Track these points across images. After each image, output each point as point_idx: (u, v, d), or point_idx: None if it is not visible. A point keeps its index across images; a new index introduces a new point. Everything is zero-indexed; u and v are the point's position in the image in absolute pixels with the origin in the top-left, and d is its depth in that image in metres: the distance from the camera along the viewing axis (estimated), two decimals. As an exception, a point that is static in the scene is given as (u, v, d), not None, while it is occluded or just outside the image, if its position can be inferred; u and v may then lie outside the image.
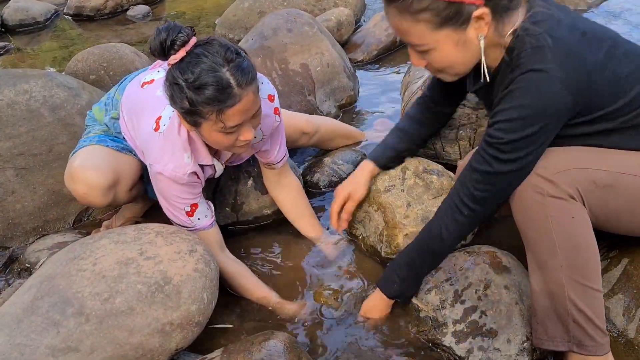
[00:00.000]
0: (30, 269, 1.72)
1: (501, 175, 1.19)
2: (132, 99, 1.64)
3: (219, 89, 1.28)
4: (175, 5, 4.57)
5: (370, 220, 1.67)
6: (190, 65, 1.29)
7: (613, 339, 1.39)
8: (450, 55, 1.18)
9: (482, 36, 1.15)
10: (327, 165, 2.07)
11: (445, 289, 1.44)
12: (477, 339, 1.37)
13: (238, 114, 1.33)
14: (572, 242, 1.17)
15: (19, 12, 4.21)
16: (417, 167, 1.65)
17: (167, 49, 1.28)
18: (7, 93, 1.96)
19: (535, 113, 1.12)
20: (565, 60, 1.11)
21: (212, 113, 1.31)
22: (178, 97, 1.32)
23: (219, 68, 1.28)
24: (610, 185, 1.18)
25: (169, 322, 1.29)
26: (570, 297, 1.19)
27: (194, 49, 1.30)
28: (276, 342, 1.31)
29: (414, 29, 1.15)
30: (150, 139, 1.49)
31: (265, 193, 1.90)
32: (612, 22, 3.50)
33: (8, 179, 1.86)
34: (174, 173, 1.46)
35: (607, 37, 1.20)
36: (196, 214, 1.55)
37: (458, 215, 1.27)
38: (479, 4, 1.10)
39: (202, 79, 1.28)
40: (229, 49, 1.31)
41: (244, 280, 1.61)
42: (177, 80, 1.30)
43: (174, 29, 1.29)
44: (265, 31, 2.52)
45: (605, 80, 1.16)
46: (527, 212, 1.20)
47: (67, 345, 1.21)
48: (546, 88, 1.10)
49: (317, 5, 3.49)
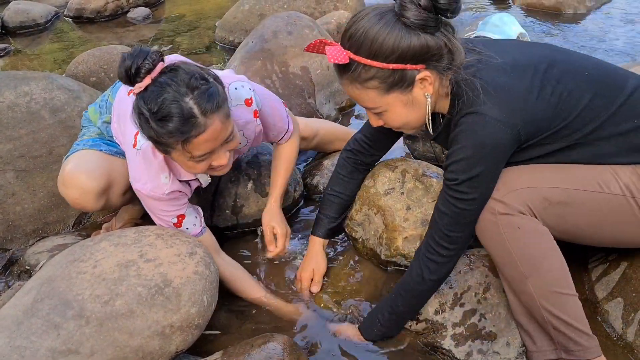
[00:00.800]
0: (30, 271, 1.72)
1: (468, 212, 1.24)
2: (121, 105, 1.59)
3: (181, 120, 1.23)
4: (176, 8, 4.58)
5: (370, 223, 1.67)
6: (154, 94, 1.24)
7: (612, 342, 1.39)
8: (402, 114, 1.27)
9: (429, 95, 1.24)
10: (326, 168, 2.07)
11: (444, 292, 1.44)
12: (476, 342, 1.37)
13: (205, 143, 1.29)
14: (529, 252, 1.22)
15: (20, 14, 4.22)
16: (416, 171, 1.65)
17: (131, 76, 1.23)
18: (8, 95, 1.96)
19: (477, 152, 1.18)
20: (495, 97, 1.18)
21: (178, 144, 1.27)
22: (144, 127, 1.28)
23: (181, 97, 1.23)
24: (564, 202, 1.23)
25: (169, 325, 1.29)
26: (543, 306, 1.23)
27: (159, 76, 1.25)
28: (275, 345, 1.31)
29: (365, 95, 1.24)
30: (129, 155, 1.48)
31: (265, 196, 1.90)
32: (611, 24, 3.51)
33: (8, 181, 1.86)
34: (152, 193, 1.44)
35: (542, 60, 1.25)
36: (184, 224, 1.53)
37: (437, 257, 1.30)
38: (421, 69, 1.19)
39: (164, 109, 1.23)
40: (194, 76, 1.26)
41: (241, 282, 1.61)
42: (142, 110, 1.25)
43: (140, 55, 1.23)
44: (266, 34, 2.52)
45: (545, 102, 1.20)
46: (485, 232, 1.27)
47: (67, 348, 1.21)
48: (480, 127, 1.17)
49: (317, 8, 3.50)
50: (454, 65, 1.21)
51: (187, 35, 3.92)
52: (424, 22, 1.14)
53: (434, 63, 1.19)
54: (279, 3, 3.45)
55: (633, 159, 1.24)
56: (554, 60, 1.26)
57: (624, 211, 1.23)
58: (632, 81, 1.27)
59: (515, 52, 1.28)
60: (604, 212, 1.24)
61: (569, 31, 3.46)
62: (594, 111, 1.22)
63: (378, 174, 1.67)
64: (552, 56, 1.28)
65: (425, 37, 1.16)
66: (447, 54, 1.19)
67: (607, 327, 1.42)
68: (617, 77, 1.28)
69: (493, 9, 3.94)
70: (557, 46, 1.39)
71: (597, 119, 1.22)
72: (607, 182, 1.23)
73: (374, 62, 1.18)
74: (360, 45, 1.18)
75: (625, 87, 1.25)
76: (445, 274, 1.34)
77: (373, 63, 1.18)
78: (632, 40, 3.30)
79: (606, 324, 1.43)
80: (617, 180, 1.22)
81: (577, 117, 1.21)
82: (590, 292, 1.52)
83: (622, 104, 1.23)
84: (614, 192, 1.22)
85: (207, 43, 3.71)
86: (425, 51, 1.17)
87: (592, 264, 1.58)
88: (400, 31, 1.15)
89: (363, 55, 1.18)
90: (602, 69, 1.29)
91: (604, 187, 1.22)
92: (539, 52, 1.30)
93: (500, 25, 2.50)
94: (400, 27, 1.15)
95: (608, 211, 1.24)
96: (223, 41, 3.62)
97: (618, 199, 1.22)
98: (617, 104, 1.23)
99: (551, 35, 3.41)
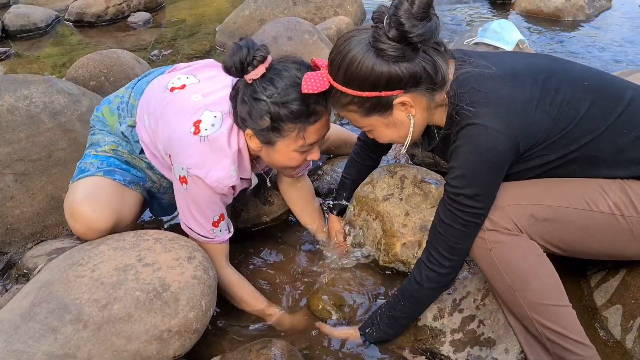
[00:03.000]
0: (28, 274, 1.71)
1: (474, 224, 1.25)
2: (157, 102, 1.55)
3: (305, 105, 1.30)
4: (176, 12, 4.59)
5: (368, 229, 1.67)
6: (273, 81, 1.30)
7: (610, 349, 1.39)
8: (386, 134, 1.32)
9: (411, 116, 1.26)
10: (326, 172, 2.08)
11: (443, 298, 1.44)
12: (475, 348, 1.37)
13: (317, 131, 1.36)
14: (516, 266, 1.24)
15: (20, 18, 4.22)
16: (415, 177, 1.65)
17: (245, 66, 1.29)
18: (8, 98, 1.96)
19: (479, 165, 1.19)
20: (496, 108, 1.18)
21: (294, 130, 1.33)
22: (257, 113, 1.32)
23: (300, 83, 1.28)
24: (550, 219, 1.24)
25: (167, 329, 1.29)
26: (535, 318, 1.24)
27: (272, 64, 1.31)
28: (274, 350, 1.31)
29: (349, 116, 1.30)
30: (186, 141, 1.42)
31: (264, 203, 1.90)
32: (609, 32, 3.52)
33: (7, 184, 1.86)
34: (217, 183, 1.41)
35: (542, 70, 1.26)
36: (220, 225, 1.52)
37: (438, 267, 1.30)
38: (398, 94, 1.21)
39: (287, 94, 1.29)
40: (307, 65, 1.34)
41: (243, 294, 1.58)
42: (259, 96, 1.30)
43: (252, 45, 1.29)
44: (266, 39, 2.53)
45: (544, 112, 1.20)
46: (474, 249, 1.28)
47: (64, 352, 1.21)
48: (482, 139, 1.18)
49: (317, 13, 3.51)
50: (436, 86, 1.21)
51: (187, 40, 3.93)
52: (397, 53, 1.16)
53: (411, 88, 1.20)
54: (279, 9, 3.47)
55: (628, 172, 1.25)
56: (553, 70, 1.26)
57: (612, 229, 1.24)
58: (630, 92, 1.27)
59: (514, 63, 1.29)
60: (591, 229, 1.25)
61: (568, 38, 3.47)
62: (593, 121, 1.22)
63: (377, 179, 1.68)
64: (551, 66, 1.28)
65: (400, 66, 1.17)
66: (426, 77, 1.19)
67: (605, 334, 1.42)
68: (615, 86, 1.28)
69: (492, 15, 3.95)
70: (555, 56, 1.40)
71: (596, 129, 1.22)
72: (594, 201, 1.24)
73: (348, 90, 1.22)
74: (337, 72, 1.22)
75: (624, 97, 1.25)
76: (445, 284, 1.34)
77: (348, 90, 1.22)
78: (630, 47, 3.31)
79: (605, 331, 1.43)
80: (605, 199, 1.24)
81: (575, 126, 1.21)
82: (589, 298, 1.52)
83: (620, 114, 1.23)
84: (603, 210, 1.23)
85: (207, 48, 3.72)
86: (399, 79, 1.18)
87: (591, 270, 1.58)
88: (373, 60, 1.17)
89: (339, 82, 1.23)
90: (601, 79, 1.29)
91: (592, 205, 1.24)
92: (538, 62, 1.30)
93: (499, 32, 2.51)
94: (374, 56, 1.17)
95: (596, 228, 1.25)
96: (223, 46, 3.63)
97: (606, 217, 1.23)
98: (616, 114, 1.23)
99: (550, 42, 3.42)
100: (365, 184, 1.71)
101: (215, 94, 1.49)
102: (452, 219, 1.24)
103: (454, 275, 1.33)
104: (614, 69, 2.97)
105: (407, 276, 1.37)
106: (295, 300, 1.65)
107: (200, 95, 1.50)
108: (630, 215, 1.23)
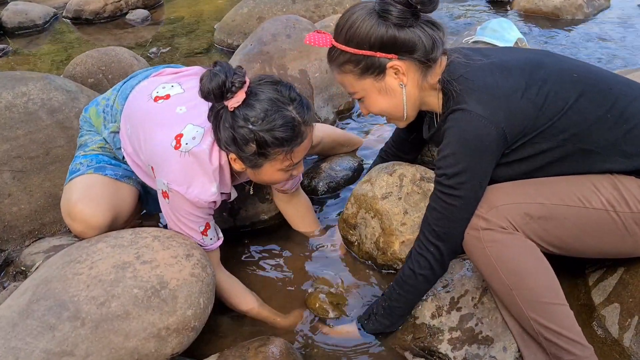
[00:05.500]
0: (26, 272, 1.71)
1: (456, 208, 1.27)
2: (141, 112, 1.53)
3: (290, 129, 1.31)
4: (174, 10, 4.58)
5: (367, 227, 1.67)
6: (255, 106, 1.29)
7: (608, 347, 1.39)
8: (378, 101, 1.38)
9: (403, 85, 1.33)
10: (324, 171, 2.08)
11: (441, 296, 1.44)
12: (473, 346, 1.37)
13: (302, 150, 1.38)
14: (512, 265, 1.24)
15: (18, 15, 4.21)
16: (414, 175, 1.65)
17: (225, 92, 1.27)
18: (5, 95, 1.95)
19: (462, 147, 1.23)
20: (480, 95, 1.24)
21: (281, 153, 1.33)
22: (242, 141, 1.31)
23: (285, 107, 1.30)
24: (545, 217, 1.26)
25: (165, 327, 1.28)
26: (531, 317, 1.25)
27: (250, 90, 1.30)
28: (272, 348, 1.31)
29: (345, 79, 1.37)
30: (166, 155, 1.41)
31: (263, 201, 1.90)
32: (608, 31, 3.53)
33: (5, 181, 1.86)
34: (197, 199, 1.41)
35: (532, 62, 1.30)
36: (209, 233, 1.52)
37: (426, 252, 1.32)
38: (392, 58, 1.29)
39: (273, 120, 1.29)
40: (289, 87, 1.35)
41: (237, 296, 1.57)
42: (242, 123, 1.29)
43: (229, 70, 1.27)
44: (264, 37, 2.52)
45: (530, 102, 1.23)
46: (470, 248, 1.29)
47: (62, 350, 1.21)
48: (465, 123, 1.23)
49: (316, 11, 3.50)
50: (430, 60, 1.28)
51: (185, 37, 3.92)
52: (400, 16, 1.25)
53: (405, 54, 1.28)
54: (277, 6, 3.46)
55: (622, 166, 1.26)
56: (543, 63, 1.30)
57: (606, 224, 1.26)
58: (620, 85, 1.29)
59: (504, 56, 1.34)
60: (586, 226, 1.26)
61: (567, 37, 3.48)
62: (581, 112, 1.24)
63: (376, 177, 1.67)
64: (542, 59, 1.32)
65: (399, 30, 1.26)
66: (421, 48, 1.27)
67: (603, 333, 1.42)
68: (605, 80, 1.30)
69: (491, 14, 3.95)
70: (549, 52, 1.42)
71: (585, 121, 1.24)
72: (587, 197, 1.25)
73: (347, 48, 1.30)
74: (339, 33, 1.32)
75: (613, 91, 1.27)
76: (436, 271, 1.34)
77: (346, 48, 1.31)
78: (628, 46, 3.32)
79: (602, 329, 1.43)
80: (597, 195, 1.25)
81: (563, 116, 1.24)
82: (587, 297, 1.52)
83: (610, 107, 1.25)
84: (596, 206, 1.25)
85: (205, 45, 3.72)
86: (394, 42, 1.27)
87: (589, 269, 1.58)
88: (374, 22, 1.27)
89: (340, 41, 1.32)
90: (591, 73, 1.31)
91: (585, 202, 1.25)
92: (531, 56, 1.34)
93: (498, 30, 2.51)
94: (376, 19, 1.27)
95: (590, 225, 1.26)
96: (222, 44, 3.62)
97: (599, 213, 1.25)
98: (606, 107, 1.25)
99: (549, 41, 3.42)
100: (363, 182, 1.71)
101: (201, 107, 1.43)
102: (434, 200, 1.30)
103: (443, 263, 1.33)
104: (612, 67, 2.98)
105: (402, 267, 1.40)
106: (293, 299, 1.65)
107: (185, 107, 1.48)
108: (623, 211, 1.24)
